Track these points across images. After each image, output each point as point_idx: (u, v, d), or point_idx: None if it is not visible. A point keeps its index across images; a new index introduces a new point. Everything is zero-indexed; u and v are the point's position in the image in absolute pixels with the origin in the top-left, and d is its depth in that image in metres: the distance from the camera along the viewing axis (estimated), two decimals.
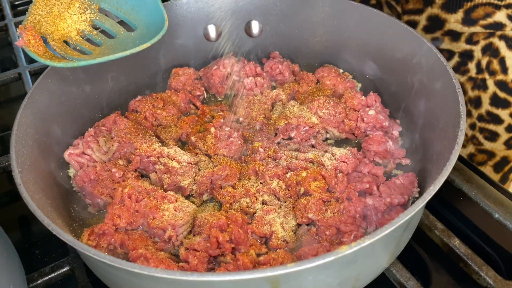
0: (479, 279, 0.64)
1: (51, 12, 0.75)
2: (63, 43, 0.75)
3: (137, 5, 0.81)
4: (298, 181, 0.72)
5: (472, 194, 0.75)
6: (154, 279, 0.49)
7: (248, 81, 0.92)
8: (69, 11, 0.78)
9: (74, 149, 0.77)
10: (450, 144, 0.59)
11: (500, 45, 0.96)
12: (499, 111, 1.03)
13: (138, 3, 0.81)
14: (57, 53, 0.72)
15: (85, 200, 0.75)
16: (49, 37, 0.73)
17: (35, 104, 0.72)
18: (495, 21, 0.94)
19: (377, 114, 0.81)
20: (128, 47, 0.74)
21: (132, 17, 0.81)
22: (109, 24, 0.80)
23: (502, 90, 1.00)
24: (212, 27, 0.97)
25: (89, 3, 0.80)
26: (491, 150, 1.09)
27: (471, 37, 0.97)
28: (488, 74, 0.99)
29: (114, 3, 0.81)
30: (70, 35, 0.76)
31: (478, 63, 0.99)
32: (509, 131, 1.06)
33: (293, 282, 0.50)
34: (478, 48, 0.98)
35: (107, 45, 0.77)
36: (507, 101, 1.01)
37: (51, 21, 0.75)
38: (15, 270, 0.62)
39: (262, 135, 0.83)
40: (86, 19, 0.79)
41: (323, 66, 0.95)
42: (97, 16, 0.80)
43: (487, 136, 1.07)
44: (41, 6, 0.75)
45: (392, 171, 0.78)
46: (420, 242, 0.71)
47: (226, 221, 0.66)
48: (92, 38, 0.77)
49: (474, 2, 0.94)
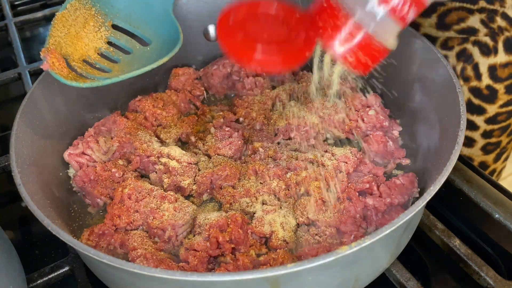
0: (479, 279, 0.64)
1: (68, 33, 0.76)
2: (83, 63, 0.76)
3: (149, 19, 0.82)
4: (298, 181, 0.72)
5: (472, 194, 0.75)
6: (154, 279, 0.49)
7: (248, 81, 0.92)
8: (84, 30, 0.79)
9: (74, 149, 0.77)
10: (450, 144, 0.59)
11: (473, 51, 0.95)
12: (474, 117, 1.03)
13: (150, 17, 0.82)
14: (78, 72, 0.74)
15: (85, 200, 0.75)
16: (70, 57, 0.75)
17: (35, 104, 0.72)
18: (469, 26, 0.93)
19: (377, 114, 0.81)
20: (145, 62, 0.75)
21: (146, 31, 0.82)
22: (124, 40, 0.81)
23: (476, 96, 1.00)
24: (212, 27, 0.97)
25: (102, 21, 0.81)
26: (469, 155, 1.10)
27: (446, 42, 0.97)
28: (463, 81, 0.99)
29: (127, 19, 0.82)
30: (89, 53, 0.77)
31: (453, 69, 0.99)
32: (485, 137, 1.06)
33: (293, 282, 0.50)
34: (453, 53, 0.97)
35: (125, 61, 0.78)
36: (482, 107, 1.01)
37: (69, 42, 0.76)
38: (15, 270, 0.62)
39: (262, 135, 0.83)
40: (101, 36, 0.80)
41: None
42: (112, 33, 0.81)
43: (464, 142, 1.07)
44: (60, 27, 0.76)
45: (392, 171, 0.78)
46: (420, 242, 0.71)
47: (226, 221, 0.66)
48: (109, 55, 0.79)
49: (448, 7, 0.92)
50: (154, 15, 0.82)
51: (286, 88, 0.91)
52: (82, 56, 0.77)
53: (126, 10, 0.82)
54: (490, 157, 1.11)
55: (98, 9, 0.81)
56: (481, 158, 1.10)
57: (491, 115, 1.02)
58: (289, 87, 0.91)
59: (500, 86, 0.98)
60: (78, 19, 0.78)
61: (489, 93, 0.99)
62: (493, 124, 1.04)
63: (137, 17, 0.82)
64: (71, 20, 0.77)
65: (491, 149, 1.09)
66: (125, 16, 0.82)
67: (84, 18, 0.79)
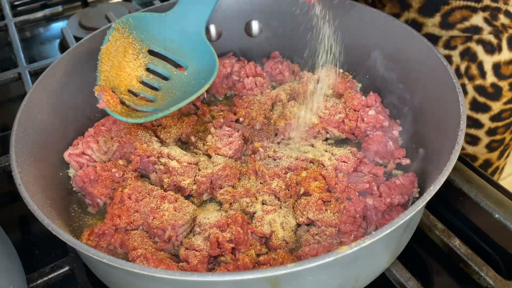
0: (479, 279, 0.64)
1: (113, 65, 0.78)
2: (129, 93, 0.78)
3: (183, 43, 0.83)
4: (298, 181, 0.72)
5: (472, 194, 0.75)
6: (154, 279, 0.49)
7: (248, 81, 0.92)
8: (125, 59, 0.80)
9: (74, 149, 0.77)
10: (450, 144, 0.59)
11: (477, 50, 0.96)
12: (479, 115, 1.03)
13: (183, 41, 0.83)
14: (127, 104, 0.76)
15: (85, 200, 0.75)
16: (117, 90, 0.76)
17: (35, 104, 0.72)
18: (472, 24, 0.93)
19: (377, 114, 0.81)
20: (184, 87, 0.78)
21: (181, 55, 0.83)
22: (161, 65, 0.82)
23: (481, 95, 1.00)
24: (212, 27, 0.97)
25: (140, 47, 0.82)
26: (473, 154, 1.10)
27: (449, 42, 0.97)
28: (467, 79, 0.99)
29: (161, 44, 0.83)
30: (132, 83, 0.79)
31: (457, 68, 0.99)
32: (490, 134, 1.07)
33: (293, 282, 0.50)
34: (457, 53, 0.98)
35: (165, 87, 0.80)
36: (487, 105, 1.02)
37: (114, 74, 0.78)
38: (15, 270, 0.62)
39: (262, 135, 0.83)
40: (140, 64, 0.81)
41: (323, 66, 0.95)
42: (149, 60, 0.82)
43: (469, 140, 1.08)
44: (106, 61, 0.77)
45: (392, 171, 0.78)
46: (420, 242, 0.71)
47: (226, 221, 0.66)
48: (150, 82, 0.80)
49: (451, 6, 0.93)
50: (188, 39, 0.83)
51: (286, 88, 0.91)
52: (126, 87, 0.78)
53: (161, 35, 0.84)
54: (494, 155, 1.12)
55: (135, 36, 0.82)
56: (486, 156, 1.10)
57: (496, 112, 1.03)
58: (289, 87, 0.91)
59: (504, 83, 0.99)
60: (119, 49, 0.80)
61: (494, 91, 1.00)
62: (498, 121, 1.05)
63: (171, 42, 0.84)
64: (113, 51, 0.79)
65: (496, 147, 1.10)
66: (160, 41, 0.84)
67: (124, 47, 0.81)
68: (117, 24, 0.81)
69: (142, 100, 0.79)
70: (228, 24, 0.97)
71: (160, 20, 0.84)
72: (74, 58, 0.81)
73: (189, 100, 0.75)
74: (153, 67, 0.82)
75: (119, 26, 0.81)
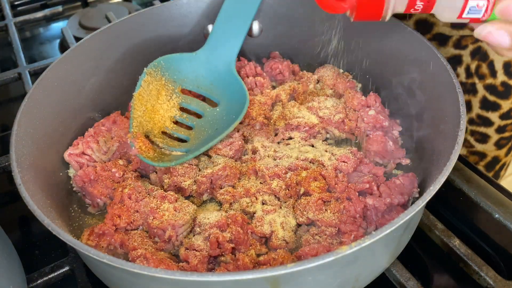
0: (479, 279, 0.64)
1: (146, 109, 0.78)
2: (163, 135, 0.78)
3: (214, 80, 0.84)
4: (298, 181, 0.72)
5: (472, 194, 0.75)
6: (154, 279, 0.49)
7: (248, 81, 0.92)
8: (159, 102, 0.80)
9: (74, 149, 0.77)
10: (450, 144, 0.59)
11: (488, 49, 0.96)
12: (489, 114, 1.04)
13: (215, 78, 0.84)
14: (160, 147, 0.76)
15: (85, 200, 0.75)
16: (151, 133, 0.76)
17: (35, 104, 0.72)
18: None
19: (377, 114, 0.81)
20: (216, 123, 0.78)
21: (213, 91, 0.84)
22: (195, 103, 0.83)
23: (492, 93, 1.01)
24: (212, 27, 0.97)
25: (173, 88, 0.83)
26: (483, 151, 1.11)
27: (459, 41, 0.97)
28: (478, 79, 1.00)
29: (194, 82, 0.84)
30: (166, 124, 0.79)
31: (467, 67, 0.99)
32: (499, 132, 1.08)
33: (293, 282, 0.50)
34: (467, 52, 0.98)
35: (199, 125, 0.80)
36: (497, 104, 1.02)
37: (148, 118, 0.78)
38: (15, 270, 0.62)
39: (262, 135, 0.83)
40: (174, 104, 0.82)
41: (323, 66, 0.95)
42: (183, 99, 0.83)
43: (478, 138, 1.09)
44: (138, 107, 0.77)
45: (392, 171, 0.78)
46: (420, 242, 0.71)
47: (226, 221, 0.66)
48: (184, 121, 0.80)
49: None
50: (219, 75, 0.84)
51: (286, 88, 0.91)
52: (160, 129, 0.78)
53: (193, 73, 0.85)
54: (502, 152, 1.13)
55: (168, 78, 0.83)
56: (494, 153, 1.12)
57: (505, 110, 1.04)
58: (289, 87, 0.91)
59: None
60: (152, 92, 0.80)
61: (504, 89, 1.01)
62: (507, 119, 1.06)
63: (203, 79, 0.84)
64: (146, 96, 0.79)
65: (504, 144, 1.11)
66: (193, 79, 0.85)
67: (157, 90, 0.81)
68: (149, 69, 0.81)
69: (175, 141, 0.79)
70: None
71: (191, 59, 0.85)
72: (74, 58, 0.81)
73: (220, 138, 0.75)
74: (187, 106, 0.82)
75: (151, 70, 0.81)
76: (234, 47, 0.86)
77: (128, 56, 0.90)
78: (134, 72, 0.92)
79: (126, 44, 0.90)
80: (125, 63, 0.90)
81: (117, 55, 0.88)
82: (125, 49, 0.89)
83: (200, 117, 0.82)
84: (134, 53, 0.91)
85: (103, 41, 0.86)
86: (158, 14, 0.92)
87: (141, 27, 0.91)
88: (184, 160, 0.74)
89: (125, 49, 0.90)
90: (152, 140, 0.77)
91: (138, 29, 0.91)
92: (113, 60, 0.88)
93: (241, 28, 0.86)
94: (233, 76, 0.83)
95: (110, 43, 0.87)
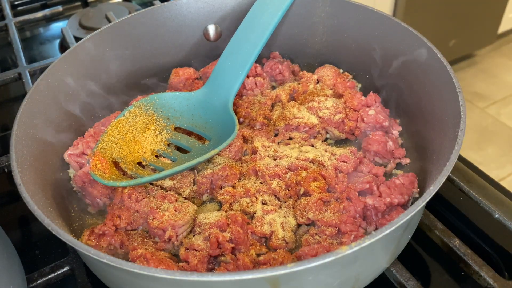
0: (479, 279, 0.64)
1: (125, 138, 0.76)
2: (136, 165, 0.75)
3: (210, 118, 0.81)
4: (298, 181, 0.72)
5: (472, 194, 0.75)
6: (154, 279, 0.49)
7: (248, 81, 0.92)
8: (144, 135, 0.78)
9: (74, 149, 0.77)
10: (450, 144, 0.59)
11: None
12: None
13: (211, 114, 0.82)
14: (128, 174, 0.72)
15: (85, 200, 0.75)
16: (122, 160, 0.74)
17: (35, 104, 0.72)
18: None
19: (377, 114, 0.81)
20: (200, 156, 0.73)
21: (206, 128, 0.81)
22: (185, 140, 0.80)
23: None
24: (212, 27, 0.97)
25: (165, 125, 0.80)
26: None
27: None
28: None
29: (189, 121, 0.82)
30: (145, 156, 0.76)
31: None
32: None
33: (293, 282, 0.50)
34: None
35: (182, 159, 0.77)
36: None
37: (124, 146, 0.75)
38: (15, 270, 0.62)
39: (262, 135, 0.83)
40: (161, 139, 0.79)
41: (323, 66, 0.95)
42: (173, 135, 0.80)
43: None
44: (114, 133, 0.75)
45: (392, 171, 0.78)
46: (420, 242, 0.71)
47: (226, 221, 0.66)
48: (167, 156, 0.77)
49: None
50: (215, 112, 0.82)
51: (286, 88, 0.91)
52: (136, 159, 0.76)
53: (189, 112, 0.82)
54: None
55: (161, 114, 0.81)
56: None
57: None
58: (289, 87, 0.91)
59: None
60: (137, 124, 0.78)
61: None
62: None
63: (199, 118, 0.82)
64: (128, 126, 0.77)
65: None
66: (188, 118, 0.82)
67: (145, 124, 0.79)
68: (139, 102, 0.80)
69: (146, 171, 0.75)
70: (228, 24, 0.97)
71: (189, 98, 0.83)
72: (74, 58, 0.81)
73: (190, 164, 0.70)
74: (175, 142, 0.80)
75: (141, 104, 0.80)
76: (234, 86, 0.82)
77: (128, 56, 0.90)
78: (135, 72, 0.92)
79: (126, 44, 0.90)
80: (125, 63, 0.90)
81: (117, 55, 0.89)
82: (125, 49, 0.90)
83: (186, 152, 0.79)
84: (134, 53, 0.91)
85: (103, 41, 0.86)
86: (158, 14, 0.92)
87: (141, 27, 0.91)
88: (138, 183, 0.68)
89: (125, 49, 0.90)
90: (121, 167, 0.74)
91: (138, 29, 0.91)
92: (113, 60, 0.88)
93: (243, 67, 0.83)
94: (228, 114, 0.80)
95: (110, 43, 0.87)
